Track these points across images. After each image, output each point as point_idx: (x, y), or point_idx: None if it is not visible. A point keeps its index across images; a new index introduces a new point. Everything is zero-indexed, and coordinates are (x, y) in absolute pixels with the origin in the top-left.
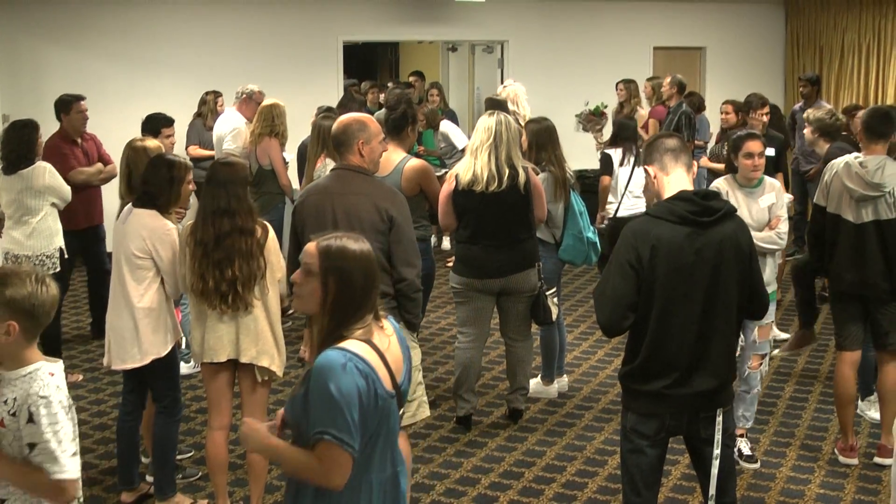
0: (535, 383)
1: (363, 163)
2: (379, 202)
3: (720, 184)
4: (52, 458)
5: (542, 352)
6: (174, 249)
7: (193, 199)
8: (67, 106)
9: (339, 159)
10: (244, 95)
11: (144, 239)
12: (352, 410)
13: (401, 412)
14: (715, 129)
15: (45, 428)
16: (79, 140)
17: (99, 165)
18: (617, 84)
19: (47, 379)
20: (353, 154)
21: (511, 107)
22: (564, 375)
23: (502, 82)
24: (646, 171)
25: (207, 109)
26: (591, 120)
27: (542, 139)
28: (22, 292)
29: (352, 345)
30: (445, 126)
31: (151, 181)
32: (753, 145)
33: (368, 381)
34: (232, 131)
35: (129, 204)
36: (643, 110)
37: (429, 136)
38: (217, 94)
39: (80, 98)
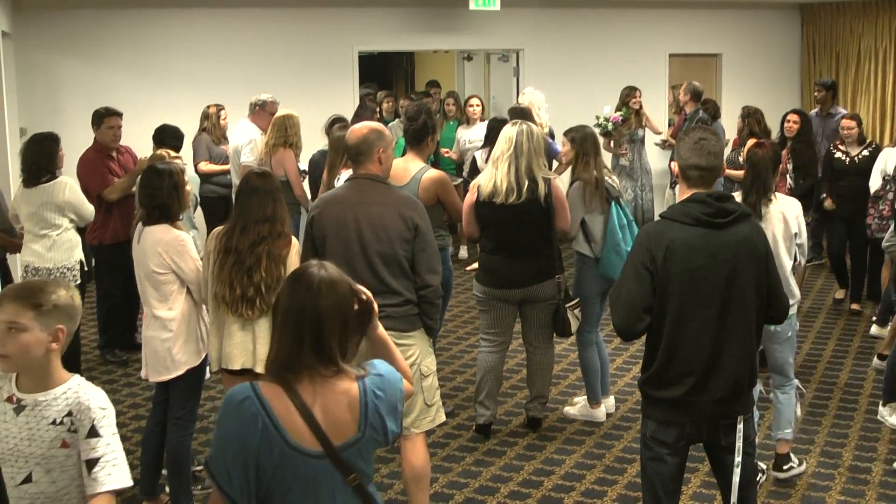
0: (581, 406)
1: (380, 171)
2: (403, 211)
3: None
4: (121, 467)
5: (584, 374)
6: (192, 256)
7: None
8: (99, 119)
9: (356, 168)
10: (257, 107)
11: (161, 254)
12: (227, 449)
13: (349, 476)
14: (730, 135)
15: (110, 438)
16: (114, 154)
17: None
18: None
19: (93, 389)
20: (373, 163)
21: None
22: (611, 396)
23: (517, 91)
24: (672, 167)
25: (211, 123)
26: (625, 124)
27: (576, 147)
28: (64, 297)
29: (264, 384)
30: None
31: (157, 193)
32: None
33: (258, 424)
34: (248, 143)
35: (139, 223)
36: (646, 112)
37: (449, 131)
38: (220, 107)
39: (113, 113)
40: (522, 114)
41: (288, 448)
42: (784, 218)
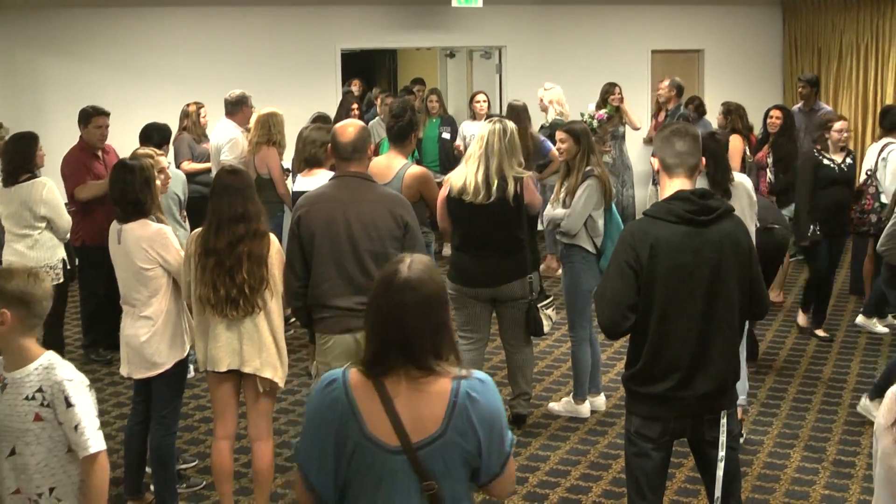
0: (565, 402)
1: (366, 169)
2: (394, 208)
3: None
4: (91, 432)
5: (574, 369)
6: (175, 248)
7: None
8: (87, 119)
9: (346, 166)
10: (239, 104)
11: (147, 250)
12: (310, 432)
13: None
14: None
15: (82, 406)
16: (99, 153)
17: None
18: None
19: (62, 363)
20: (364, 161)
21: (558, 108)
22: (601, 394)
23: (500, 88)
24: (651, 161)
25: (191, 121)
26: (610, 121)
27: (582, 143)
28: (11, 284)
29: (354, 372)
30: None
31: (129, 189)
32: None
33: (337, 409)
34: (229, 142)
35: (114, 222)
36: (625, 108)
37: (432, 128)
38: (199, 105)
39: (100, 112)
40: (514, 111)
41: (363, 438)
42: (746, 191)
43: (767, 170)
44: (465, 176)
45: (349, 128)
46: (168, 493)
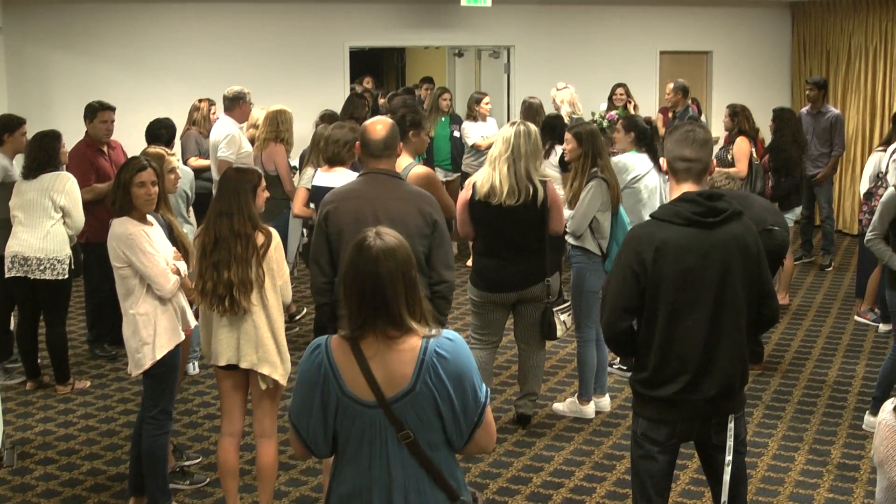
0: (570, 402)
1: (395, 166)
2: (422, 206)
3: None
4: None
5: (580, 370)
6: (141, 249)
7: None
8: (93, 113)
9: (375, 163)
10: (238, 100)
11: (115, 248)
12: (300, 393)
13: (403, 434)
14: (717, 132)
15: None
16: (105, 148)
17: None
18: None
19: None
20: (394, 158)
21: (569, 108)
22: (606, 395)
23: (508, 87)
24: (662, 162)
25: (201, 116)
26: (620, 122)
27: (586, 145)
28: None
29: (335, 337)
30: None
31: (112, 188)
32: None
33: (321, 371)
34: (226, 138)
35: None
36: (631, 110)
37: (443, 127)
38: (211, 102)
39: (106, 107)
40: (531, 108)
41: (343, 395)
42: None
43: (770, 173)
44: (492, 178)
45: (378, 125)
46: (160, 493)
